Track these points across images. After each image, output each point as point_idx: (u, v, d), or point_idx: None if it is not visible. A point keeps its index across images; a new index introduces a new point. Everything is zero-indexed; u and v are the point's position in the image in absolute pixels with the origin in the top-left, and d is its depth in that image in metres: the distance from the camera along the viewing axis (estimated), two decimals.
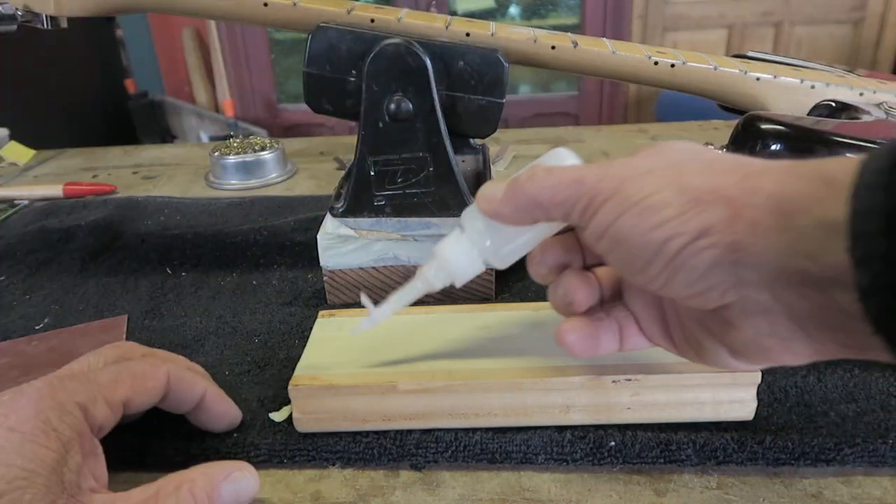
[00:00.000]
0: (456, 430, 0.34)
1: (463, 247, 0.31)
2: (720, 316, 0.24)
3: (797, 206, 0.21)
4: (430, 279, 0.32)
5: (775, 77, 0.47)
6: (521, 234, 0.30)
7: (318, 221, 0.49)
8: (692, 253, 0.23)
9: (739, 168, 0.23)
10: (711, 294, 0.23)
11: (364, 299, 0.33)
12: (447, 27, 0.44)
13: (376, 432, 0.34)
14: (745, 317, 0.23)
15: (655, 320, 0.29)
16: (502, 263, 0.31)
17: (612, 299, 0.31)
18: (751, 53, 0.54)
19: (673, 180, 0.23)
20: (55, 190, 0.73)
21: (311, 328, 0.39)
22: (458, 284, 0.32)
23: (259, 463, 0.33)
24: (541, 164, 0.28)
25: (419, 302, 0.44)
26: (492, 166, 0.55)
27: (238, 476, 0.28)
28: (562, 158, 0.30)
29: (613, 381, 0.32)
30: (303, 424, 0.34)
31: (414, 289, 0.33)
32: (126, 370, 0.30)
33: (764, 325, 0.23)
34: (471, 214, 0.31)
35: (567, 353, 0.30)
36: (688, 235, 0.23)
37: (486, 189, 0.29)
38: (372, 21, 0.44)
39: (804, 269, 0.21)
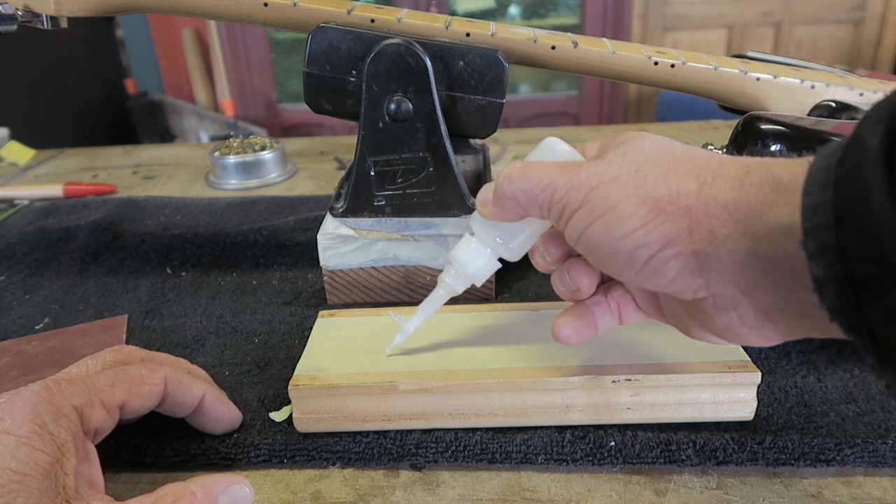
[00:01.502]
0: (456, 430, 0.34)
1: (475, 248, 0.33)
2: (697, 306, 0.26)
3: (750, 214, 0.22)
4: (450, 284, 0.34)
5: (775, 77, 0.47)
6: (525, 227, 0.32)
7: (318, 221, 0.49)
8: (661, 261, 0.25)
9: (696, 173, 0.24)
10: (685, 292, 0.25)
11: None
12: (447, 27, 0.44)
13: (376, 432, 0.34)
14: (718, 310, 0.25)
15: (649, 299, 0.31)
16: (514, 256, 0.33)
17: (609, 279, 0.32)
18: (751, 53, 0.54)
19: (636, 189, 0.25)
20: (55, 190, 0.73)
21: (311, 328, 0.39)
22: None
23: (259, 463, 0.33)
24: (516, 164, 0.29)
25: (419, 302, 0.44)
26: (492, 166, 0.55)
27: (236, 489, 0.28)
28: (552, 149, 0.31)
29: (613, 382, 0.32)
30: (303, 424, 0.34)
31: (438, 296, 0.34)
32: (123, 374, 0.30)
33: (734, 317, 0.25)
34: (476, 217, 0.32)
35: (566, 345, 0.31)
36: (653, 246, 0.24)
37: (481, 193, 0.31)
38: (372, 21, 0.44)
39: (764, 269, 0.23)
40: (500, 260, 0.33)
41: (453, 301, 0.46)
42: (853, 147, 0.19)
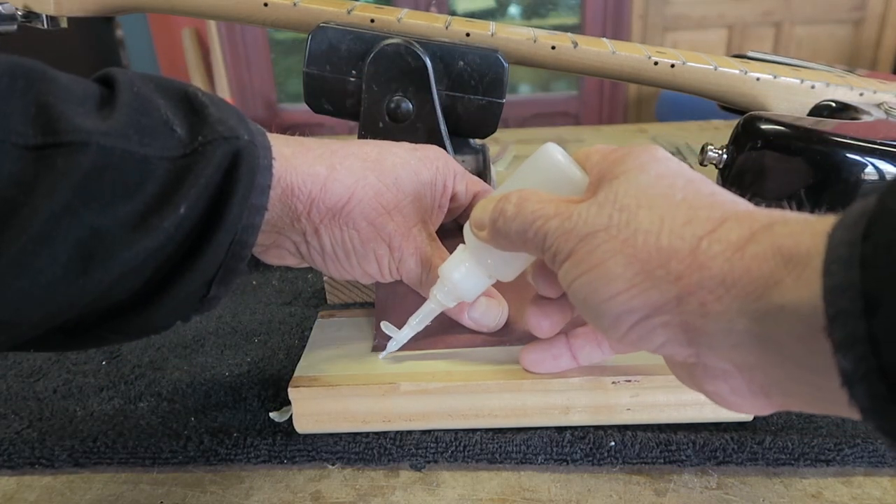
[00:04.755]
0: (456, 431, 0.34)
1: (468, 267, 0.32)
2: (687, 367, 0.24)
3: (751, 290, 0.20)
4: (440, 300, 0.33)
5: (775, 77, 0.47)
6: (521, 254, 0.30)
7: None
8: (646, 328, 0.23)
9: (693, 230, 0.22)
10: (675, 357, 0.23)
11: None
12: (447, 27, 0.44)
13: (376, 433, 0.34)
14: (707, 377, 0.23)
15: None
16: (507, 278, 0.32)
17: None
18: (751, 53, 0.54)
19: (624, 245, 0.23)
20: None
21: (311, 328, 0.39)
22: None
23: (259, 463, 0.33)
24: (512, 196, 0.27)
25: None
26: (492, 166, 0.55)
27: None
28: (549, 165, 0.29)
29: (613, 383, 0.32)
30: (303, 424, 0.34)
31: (429, 310, 0.34)
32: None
33: (724, 387, 0.23)
34: (468, 231, 0.31)
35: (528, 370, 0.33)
36: (638, 313, 0.22)
37: (476, 212, 0.30)
38: (372, 21, 0.44)
39: (765, 349, 0.20)
40: None
41: None
42: (881, 219, 0.17)
